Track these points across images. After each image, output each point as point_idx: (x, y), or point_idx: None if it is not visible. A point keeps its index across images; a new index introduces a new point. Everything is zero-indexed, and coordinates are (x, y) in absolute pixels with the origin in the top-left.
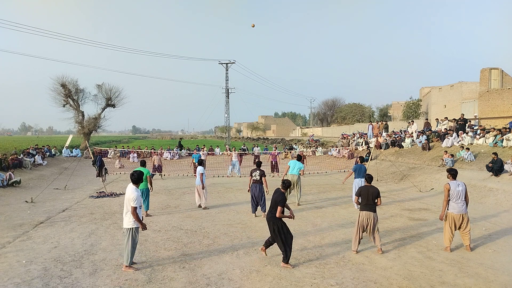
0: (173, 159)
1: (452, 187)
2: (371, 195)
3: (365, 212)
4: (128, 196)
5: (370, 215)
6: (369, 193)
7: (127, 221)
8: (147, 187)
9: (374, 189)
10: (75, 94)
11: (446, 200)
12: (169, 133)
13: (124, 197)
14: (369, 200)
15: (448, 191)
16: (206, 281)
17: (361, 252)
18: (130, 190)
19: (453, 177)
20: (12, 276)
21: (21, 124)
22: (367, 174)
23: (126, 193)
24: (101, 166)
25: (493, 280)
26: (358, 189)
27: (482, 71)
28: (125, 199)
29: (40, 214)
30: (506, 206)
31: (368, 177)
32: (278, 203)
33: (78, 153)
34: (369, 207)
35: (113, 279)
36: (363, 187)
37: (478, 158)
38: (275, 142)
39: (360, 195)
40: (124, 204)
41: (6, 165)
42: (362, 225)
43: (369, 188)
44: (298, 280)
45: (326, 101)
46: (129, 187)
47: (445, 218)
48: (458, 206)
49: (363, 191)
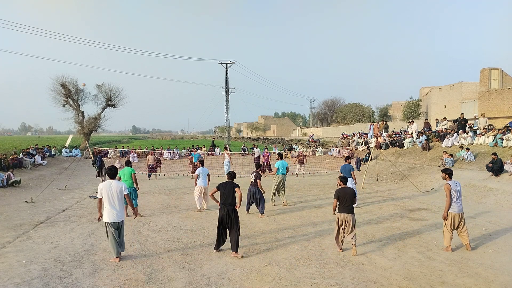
0: (173, 159)
1: (452, 187)
2: (349, 197)
3: (344, 214)
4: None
5: (349, 217)
6: (346, 194)
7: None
8: (133, 186)
9: (350, 190)
10: (75, 94)
11: (449, 200)
12: (169, 133)
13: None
14: (347, 202)
15: (450, 191)
16: (206, 281)
17: (361, 252)
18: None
19: (449, 177)
20: (12, 276)
21: (21, 124)
22: (342, 176)
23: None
24: (101, 166)
25: (493, 280)
26: (336, 192)
27: (482, 71)
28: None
29: (40, 214)
30: (506, 206)
31: (343, 179)
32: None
33: (78, 153)
34: (347, 209)
35: (113, 279)
36: (340, 189)
37: (478, 158)
38: (275, 142)
39: (339, 198)
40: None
41: (6, 165)
42: (342, 227)
43: (345, 190)
44: (298, 280)
45: (326, 101)
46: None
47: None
48: (457, 206)
49: (340, 194)
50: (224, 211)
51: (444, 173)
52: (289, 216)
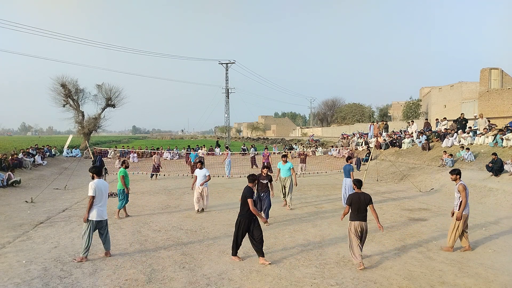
0: (173, 159)
1: (466, 187)
2: (363, 203)
3: (357, 222)
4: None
5: (363, 225)
6: (360, 201)
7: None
8: (122, 187)
9: (366, 197)
10: (75, 94)
11: (466, 201)
12: (169, 133)
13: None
14: (361, 209)
15: (466, 191)
16: (206, 281)
17: None
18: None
19: (460, 177)
20: (12, 276)
21: (21, 124)
22: (356, 179)
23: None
24: (101, 166)
25: (493, 280)
26: (349, 197)
27: (482, 71)
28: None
29: (40, 214)
30: (506, 206)
31: (357, 182)
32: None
33: (78, 153)
34: (361, 217)
35: (113, 279)
36: (354, 195)
37: (478, 158)
38: (275, 142)
39: (351, 204)
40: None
41: (6, 165)
42: (356, 235)
43: (360, 195)
44: (298, 280)
45: (326, 101)
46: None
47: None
48: (468, 207)
49: (354, 199)
50: (245, 222)
51: (455, 174)
52: (289, 216)
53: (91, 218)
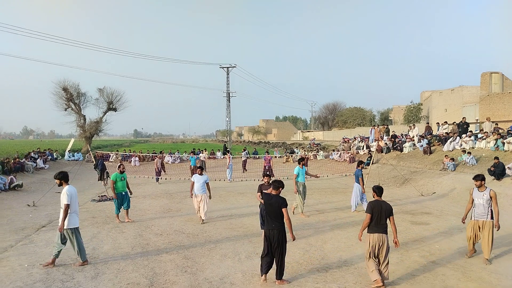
0: (175, 162)
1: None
2: (384, 213)
3: (377, 235)
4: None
5: (384, 237)
6: (382, 210)
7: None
8: (119, 191)
9: (387, 206)
10: (76, 98)
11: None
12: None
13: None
14: (382, 219)
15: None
16: (208, 285)
17: (362, 255)
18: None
19: (485, 182)
20: (14, 279)
21: (23, 128)
22: (377, 186)
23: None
24: (102, 170)
25: (497, 285)
26: (369, 205)
27: (482, 75)
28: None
29: (42, 217)
30: (508, 210)
31: (377, 189)
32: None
33: (80, 157)
34: (382, 228)
35: (115, 283)
36: (375, 202)
37: (480, 162)
38: (276, 146)
39: (372, 212)
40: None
41: (8, 168)
42: (374, 251)
43: (381, 204)
44: (300, 284)
45: (327, 105)
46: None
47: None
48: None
49: (375, 208)
50: (272, 235)
51: (479, 180)
52: (291, 220)
53: (73, 226)
